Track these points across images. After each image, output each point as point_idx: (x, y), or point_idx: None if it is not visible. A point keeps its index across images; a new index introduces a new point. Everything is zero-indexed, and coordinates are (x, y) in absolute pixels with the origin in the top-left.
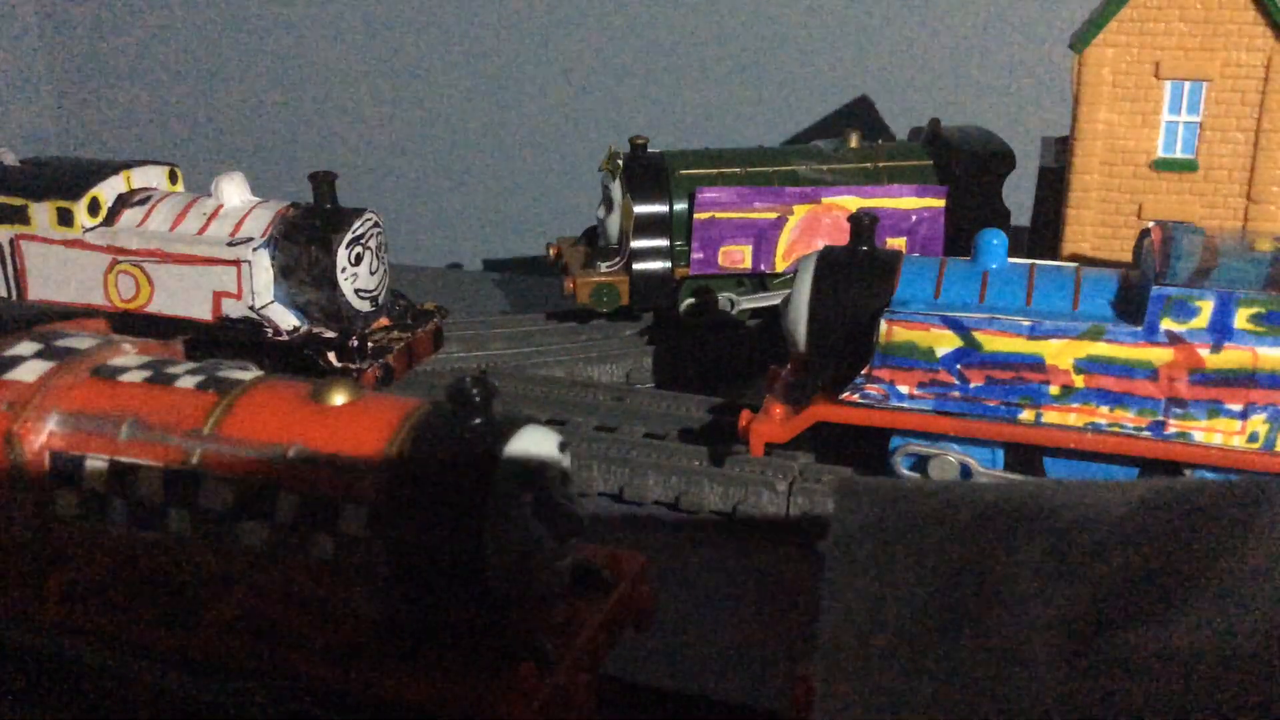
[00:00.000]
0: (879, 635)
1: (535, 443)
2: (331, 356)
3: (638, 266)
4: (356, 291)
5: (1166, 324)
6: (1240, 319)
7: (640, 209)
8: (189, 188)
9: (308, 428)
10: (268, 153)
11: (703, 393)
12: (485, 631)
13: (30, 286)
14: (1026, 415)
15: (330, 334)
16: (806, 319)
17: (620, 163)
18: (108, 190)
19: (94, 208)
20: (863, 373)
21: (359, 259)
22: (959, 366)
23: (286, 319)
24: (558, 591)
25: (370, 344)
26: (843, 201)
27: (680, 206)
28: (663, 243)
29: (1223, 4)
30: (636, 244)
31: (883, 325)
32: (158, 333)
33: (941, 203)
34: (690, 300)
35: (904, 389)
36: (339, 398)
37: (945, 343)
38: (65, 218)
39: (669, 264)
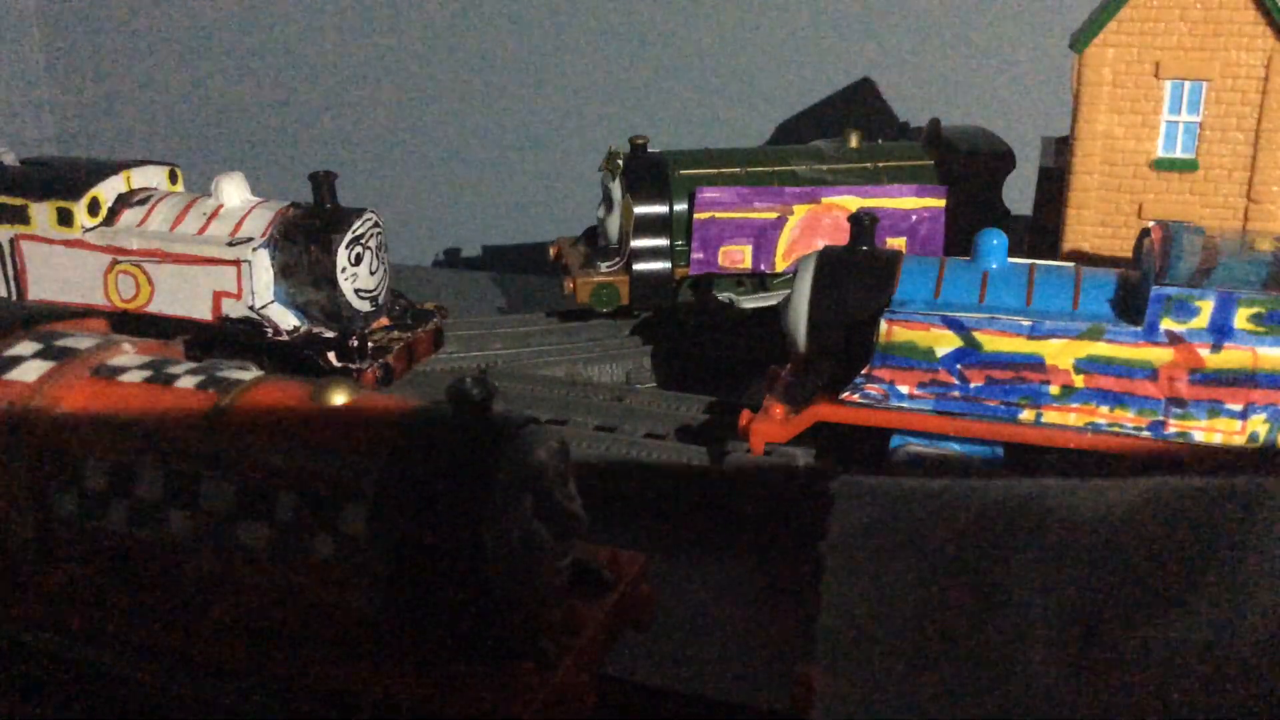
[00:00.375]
0: (879, 634)
1: (535, 443)
2: (331, 356)
3: (638, 266)
4: (356, 291)
5: (1166, 324)
6: (1240, 319)
7: (640, 209)
8: (189, 188)
9: (307, 428)
10: (268, 153)
11: (703, 393)
12: (485, 631)
13: (30, 286)
14: (1026, 415)
15: (330, 334)
16: (806, 319)
17: (620, 163)
18: (108, 190)
19: (94, 208)
20: (863, 373)
21: (359, 259)
22: (959, 366)
23: (286, 319)
24: (558, 591)
25: (370, 344)
26: (843, 201)
27: (680, 206)
28: (663, 242)
29: (1223, 4)
30: (636, 244)
31: (883, 325)
32: (158, 333)
33: (942, 202)
34: (690, 299)
35: (904, 389)
36: (339, 398)
37: (945, 343)
38: (65, 218)
39: (669, 264)
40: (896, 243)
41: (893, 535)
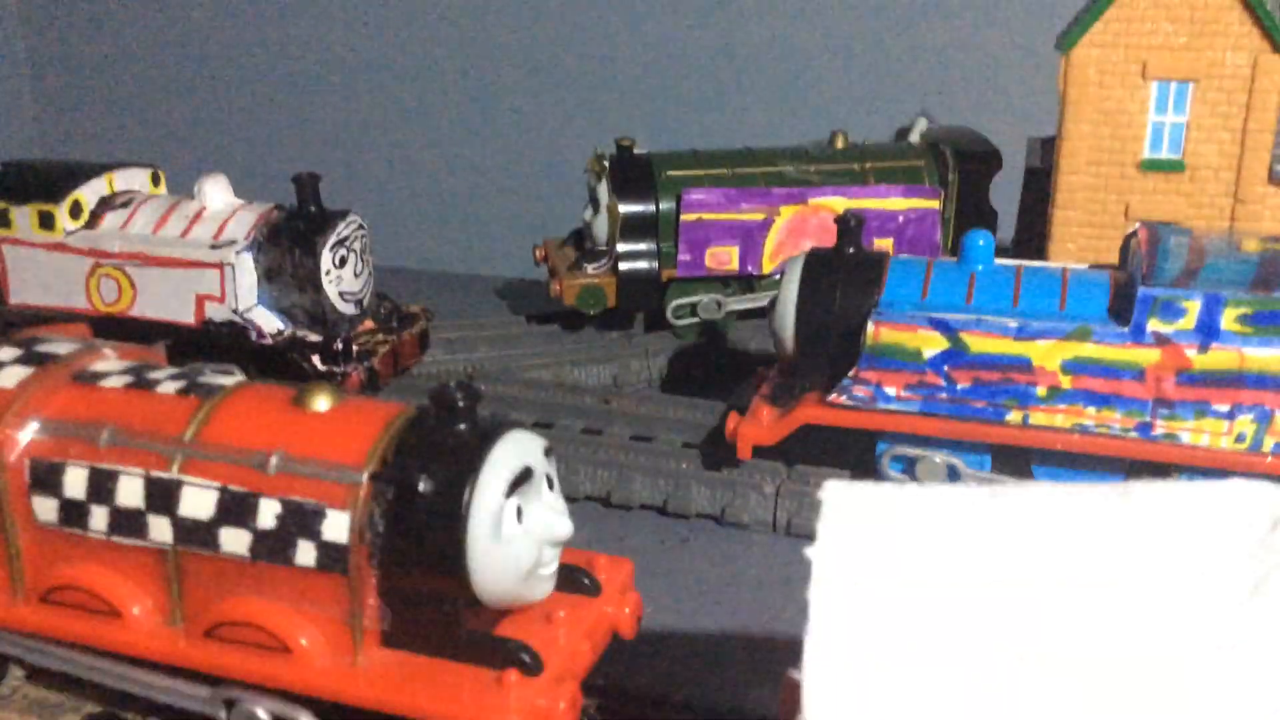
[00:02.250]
0: (865, 639)
1: (520, 447)
2: (316, 360)
3: (624, 268)
4: (341, 294)
5: (1153, 325)
6: (1227, 320)
7: (626, 210)
8: (172, 190)
9: (290, 433)
10: (251, 154)
11: (691, 395)
12: (469, 637)
13: (11, 290)
14: (1014, 417)
15: (315, 337)
16: (794, 321)
17: (606, 164)
18: (90, 193)
19: (76, 210)
20: (850, 374)
21: (343, 261)
22: (946, 368)
23: (270, 322)
24: (544, 597)
25: (355, 347)
26: (829, 202)
27: (666, 208)
28: (649, 244)
29: (1209, 4)
30: (622, 246)
31: (870, 327)
32: (141, 336)
33: (930, 203)
34: (677, 303)
35: (891, 390)
36: (322, 403)
37: (932, 344)
38: (47, 221)
39: (655, 265)
40: (883, 244)
41: (881, 539)
